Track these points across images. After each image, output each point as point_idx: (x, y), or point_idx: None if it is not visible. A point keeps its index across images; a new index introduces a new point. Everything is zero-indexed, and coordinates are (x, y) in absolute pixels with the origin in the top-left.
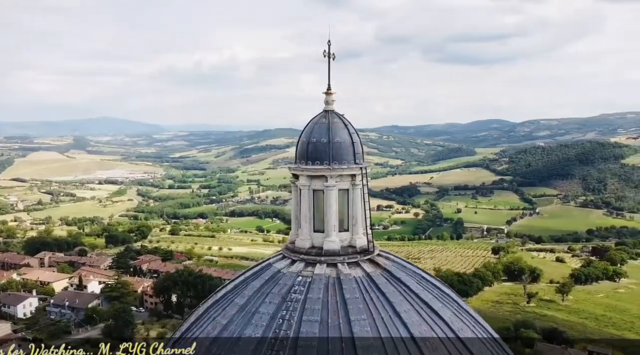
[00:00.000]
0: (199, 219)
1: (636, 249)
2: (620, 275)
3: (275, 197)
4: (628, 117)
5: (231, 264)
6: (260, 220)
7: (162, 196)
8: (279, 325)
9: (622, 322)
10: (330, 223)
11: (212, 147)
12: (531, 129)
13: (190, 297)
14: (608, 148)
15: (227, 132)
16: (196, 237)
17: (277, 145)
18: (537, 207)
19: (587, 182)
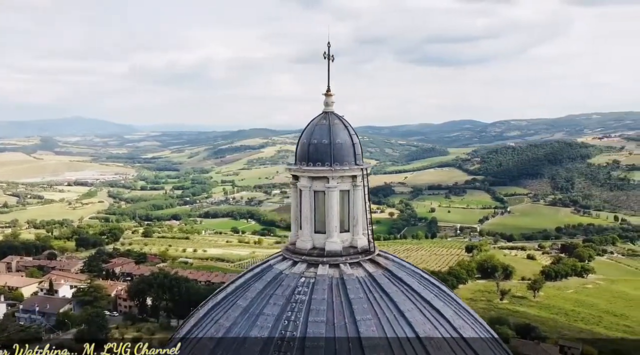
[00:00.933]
0: (173, 221)
1: (602, 245)
2: (588, 272)
3: (250, 197)
4: (593, 118)
5: (207, 266)
6: (235, 221)
7: (134, 198)
8: (284, 327)
9: (590, 317)
10: (332, 224)
11: (185, 147)
12: (502, 129)
13: (166, 300)
14: (575, 148)
15: (200, 133)
16: (170, 239)
17: (251, 146)
18: (508, 206)
19: (555, 181)
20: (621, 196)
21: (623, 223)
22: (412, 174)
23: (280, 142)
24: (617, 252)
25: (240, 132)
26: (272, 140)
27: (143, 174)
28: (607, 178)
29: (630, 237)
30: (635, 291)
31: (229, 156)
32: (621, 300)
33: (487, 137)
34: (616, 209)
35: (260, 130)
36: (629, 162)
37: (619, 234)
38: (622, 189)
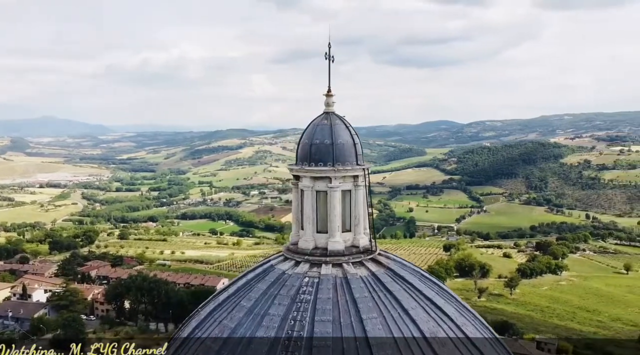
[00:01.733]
0: (149, 223)
1: (575, 243)
2: (562, 269)
3: (229, 198)
4: (565, 119)
5: (185, 268)
6: (213, 222)
7: (109, 199)
8: (291, 327)
9: (565, 313)
10: (334, 224)
11: (161, 148)
12: (477, 129)
13: (145, 303)
14: (548, 148)
15: (177, 133)
16: (147, 241)
17: (229, 146)
18: (484, 205)
19: (529, 181)
20: (592, 195)
21: (594, 221)
22: (390, 174)
23: (258, 142)
24: (589, 249)
25: (217, 133)
26: (250, 140)
27: (118, 175)
28: (578, 177)
29: (601, 235)
30: (606, 287)
31: (206, 157)
32: (593, 296)
33: (463, 138)
34: (587, 207)
35: (237, 130)
36: (599, 161)
37: (591, 232)
38: (592, 188)
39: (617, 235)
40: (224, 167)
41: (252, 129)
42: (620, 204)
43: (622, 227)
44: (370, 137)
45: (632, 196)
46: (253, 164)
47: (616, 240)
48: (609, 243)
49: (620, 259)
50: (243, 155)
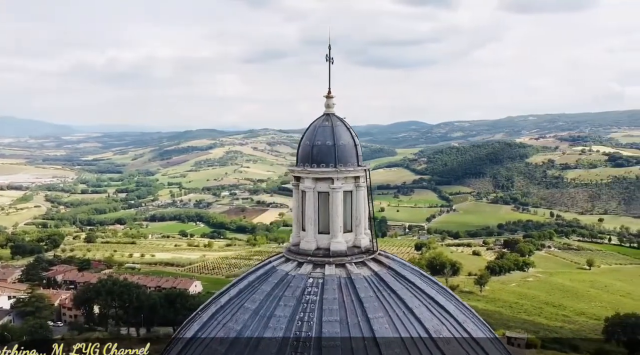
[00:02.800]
0: (117, 225)
1: (541, 240)
2: (528, 266)
3: (199, 200)
4: (530, 120)
5: (156, 271)
6: (183, 224)
7: (75, 202)
8: (298, 327)
9: (532, 308)
10: (336, 224)
11: (128, 149)
12: (446, 130)
13: (116, 308)
14: (514, 148)
15: (144, 133)
16: (115, 244)
17: (199, 147)
18: (453, 204)
19: (496, 180)
20: (556, 193)
21: (558, 219)
22: None
23: (228, 142)
24: (553, 246)
25: (187, 133)
26: (221, 141)
27: (84, 177)
28: (543, 176)
29: (565, 232)
30: (571, 283)
31: (175, 157)
32: (559, 291)
33: (433, 138)
34: (552, 205)
35: (207, 130)
36: (563, 161)
37: (555, 229)
38: (556, 186)
39: (580, 232)
40: (194, 168)
41: (223, 129)
42: (582, 202)
43: (584, 225)
44: None
45: (593, 194)
46: (224, 165)
47: (579, 237)
48: (572, 240)
49: (583, 255)
50: (213, 156)
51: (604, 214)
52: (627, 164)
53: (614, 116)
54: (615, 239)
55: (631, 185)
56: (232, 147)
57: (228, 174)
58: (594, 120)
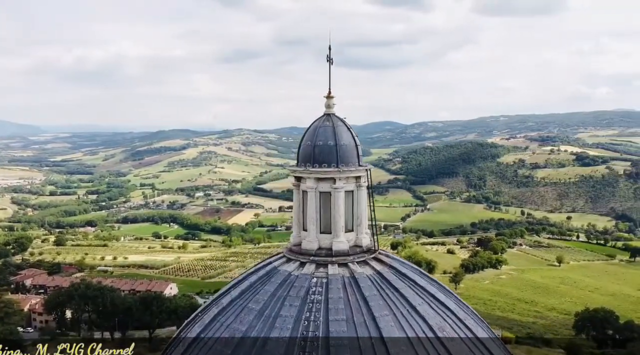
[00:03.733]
0: (88, 228)
1: (512, 238)
2: (501, 263)
3: (172, 201)
4: (501, 120)
5: (129, 274)
6: (156, 226)
7: (43, 204)
8: (305, 327)
9: (506, 305)
10: (339, 224)
11: (99, 149)
12: (420, 130)
13: (89, 312)
14: (486, 148)
15: (116, 133)
16: (86, 246)
17: (172, 147)
18: (427, 204)
19: (469, 179)
20: (526, 192)
21: (529, 217)
22: None
23: (202, 143)
24: (525, 244)
25: (159, 133)
26: (194, 141)
27: (52, 178)
28: (514, 176)
29: (535, 230)
30: (542, 279)
31: (147, 158)
32: (530, 288)
33: (407, 138)
34: (522, 204)
35: (181, 131)
36: (533, 160)
37: (526, 227)
38: (527, 185)
39: (550, 230)
40: (167, 169)
41: (196, 130)
42: (551, 201)
43: (553, 222)
44: None
45: (562, 193)
46: (197, 165)
47: (549, 234)
48: (542, 237)
49: (553, 252)
50: (187, 156)
51: (572, 212)
52: (594, 163)
53: (580, 117)
54: (583, 236)
55: (597, 184)
56: (206, 147)
57: (202, 175)
58: (562, 120)
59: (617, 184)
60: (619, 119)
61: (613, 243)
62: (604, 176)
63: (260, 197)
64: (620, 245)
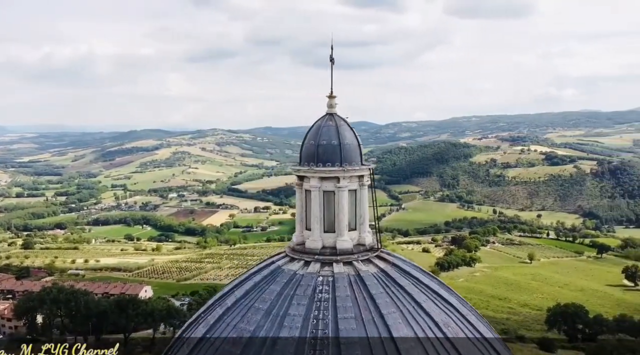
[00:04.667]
0: (57, 230)
1: (485, 236)
2: (475, 261)
3: (145, 202)
4: (473, 120)
5: (102, 277)
6: (129, 227)
7: (9, 206)
8: (314, 326)
9: (480, 302)
10: (343, 223)
11: (68, 150)
12: (394, 130)
13: (61, 317)
14: (459, 148)
15: (85, 134)
16: (55, 250)
17: (144, 147)
18: (402, 203)
19: (443, 179)
20: (498, 191)
21: (500, 215)
22: None
23: (175, 143)
24: (497, 241)
25: (131, 133)
26: (167, 141)
27: (18, 180)
28: (486, 175)
29: (507, 228)
30: (514, 276)
31: (119, 159)
32: (504, 285)
33: (382, 138)
34: (494, 203)
35: (153, 131)
36: (504, 160)
37: (498, 226)
38: (498, 184)
39: (521, 228)
40: (139, 170)
41: (169, 130)
42: (522, 199)
43: (524, 220)
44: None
45: (532, 192)
46: (171, 166)
47: (520, 232)
48: (514, 235)
49: (525, 250)
50: (160, 157)
51: (542, 210)
52: (562, 163)
53: (549, 117)
54: (553, 234)
55: (565, 183)
56: (180, 147)
57: (175, 175)
58: (532, 121)
59: (584, 183)
60: (585, 120)
61: (581, 240)
62: (572, 175)
63: (235, 198)
64: (588, 242)
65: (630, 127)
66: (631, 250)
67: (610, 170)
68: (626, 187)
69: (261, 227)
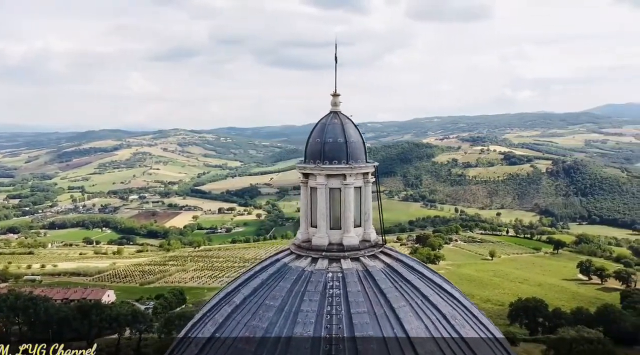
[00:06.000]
0: (10, 234)
1: (448, 234)
2: (439, 259)
3: (104, 204)
4: (435, 121)
5: (61, 282)
6: (87, 231)
7: None
8: (328, 321)
9: None
10: (349, 220)
11: (21, 150)
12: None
13: (19, 324)
14: (422, 148)
15: (39, 134)
16: (9, 255)
17: (103, 148)
18: None
19: (407, 179)
20: (459, 190)
21: (462, 214)
22: (277, 174)
23: (136, 143)
24: (460, 239)
25: (89, 133)
26: (127, 141)
27: None
28: (448, 175)
29: (469, 226)
30: (477, 273)
31: (76, 160)
32: (467, 281)
33: None
34: (456, 202)
35: (112, 131)
36: (465, 160)
37: (460, 224)
38: (460, 184)
39: (482, 226)
40: (98, 171)
41: (129, 130)
42: (482, 198)
43: (484, 219)
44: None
45: (492, 191)
46: (131, 167)
47: (481, 230)
48: (475, 233)
49: (486, 247)
50: (119, 158)
51: (501, 208)
52: (519, 162)
53: (507, 118)
54: (512, 231)
55: (523, 182)
56: (140, 148)
57: (136, 177)
58: (491, 122)
59: (540, 182)
60: (540, 121)
61: (538, 237)
62: (529, 174)
63: (198, 199)
64: (545, 239)
65: (582, 128)
66: (585, 245)
67: (564, 170)
68: (579, 185)
69: (226, 228)
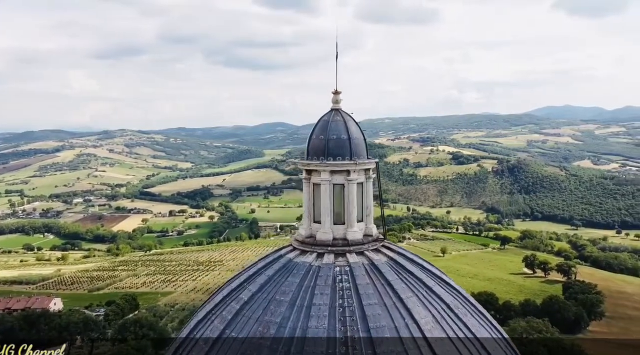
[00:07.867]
0: None
1: (402, 233)
2: None
3: (46, 208)
4: (386, 122)
5: (1, 291)
6: (27, 237)
7: None
8: (341, 313)
9: None
10: (353, 215)
11: None
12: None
13: None
14: (374, 148)
15: None
16: None
17: (43, 149)
18: None
19: None
20: (411, 189)
21: (414, 212)
22: (229, 175)
23: (79, 145)
24: (413, 237)
25: (27, 134)
26: (70, 143)
27: None
28: (400, 174)
29: (421, 224)
30: None
31: (14, 162)
32: None
33: (299, 139)
34: (408, 201)
35: (53, 131)
36: (416, 160)
37: (413, 222)
38: (411, 183)
39: (433, 224)
40: (38, 173)
41: (72, 130)
42: (432, 197)
43: (435, 217)
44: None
45: (441, 189)
46: (74, 169)
47: (433, 228)
48: (427, 231)
49: (437, 244)
50: (62, 159)
51: (451, 206)
52: (467, 162)
53: (454, 120)
54: (461, 228)
55: (471, 181)
56: (84, 149)
57: (80, 179)
58: (440, 123)
59: (487, 180)
60: (486, 122)
61: (486, 233)
62: (476, 173)
63: (148, 202)
64: (492, 235)
65: (524, 129)
66: (528, 241)
67: (509, 169)
68: (522, 183)
69: (177, 231)
